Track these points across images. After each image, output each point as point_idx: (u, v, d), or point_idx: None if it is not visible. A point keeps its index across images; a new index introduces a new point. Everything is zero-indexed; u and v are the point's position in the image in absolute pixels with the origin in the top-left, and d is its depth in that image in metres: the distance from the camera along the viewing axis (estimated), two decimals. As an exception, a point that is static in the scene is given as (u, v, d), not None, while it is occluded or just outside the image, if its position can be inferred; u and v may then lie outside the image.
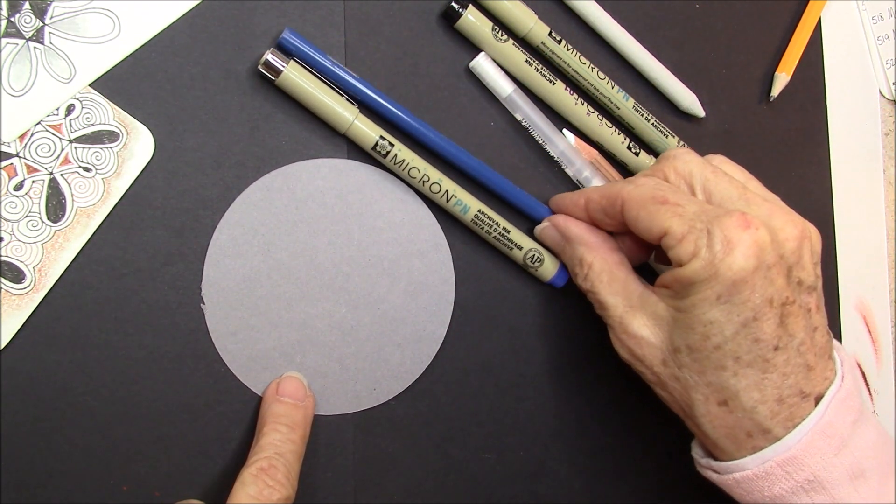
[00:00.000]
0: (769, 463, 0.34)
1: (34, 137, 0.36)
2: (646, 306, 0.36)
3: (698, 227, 0.33)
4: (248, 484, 0.34)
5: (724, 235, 0.32)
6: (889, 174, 0.49)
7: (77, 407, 0.37)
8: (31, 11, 0.36)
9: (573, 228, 0.39)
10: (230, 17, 0.38)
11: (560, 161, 0.42)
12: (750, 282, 0.32)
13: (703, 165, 0.37)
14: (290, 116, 0.39)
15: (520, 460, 0.42)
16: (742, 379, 0.34)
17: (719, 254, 0.32)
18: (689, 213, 0.34)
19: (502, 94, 0.41)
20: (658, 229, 0.34)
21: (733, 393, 0.34)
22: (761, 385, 0.34)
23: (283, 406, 0.37)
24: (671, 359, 0.35)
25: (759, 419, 0.34)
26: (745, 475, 0.35)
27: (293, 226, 0.39)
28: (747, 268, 0.32)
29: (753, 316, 0.33)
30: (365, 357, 0.40)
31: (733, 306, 0.33)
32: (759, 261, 0.32)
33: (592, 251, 0.38)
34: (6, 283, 0.36)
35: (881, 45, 0.49)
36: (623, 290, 0.37)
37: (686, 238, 0.33)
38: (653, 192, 0.35)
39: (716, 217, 0.33)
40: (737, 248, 0.32)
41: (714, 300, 0.33)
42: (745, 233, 0.32)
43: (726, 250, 0.32)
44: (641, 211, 0.35)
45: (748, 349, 0.33)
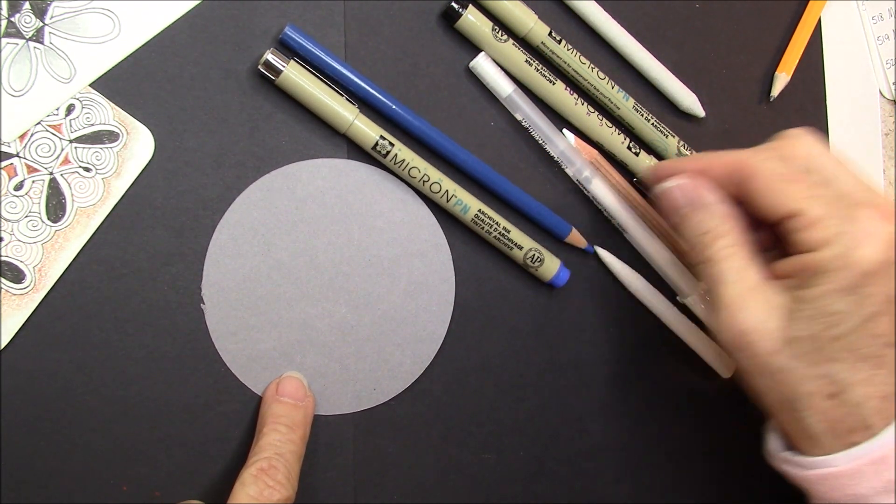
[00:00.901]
0: (861, 460, 0.33)
1: (34, 137, 0.36)
2: (763, 293, 0.34)
3: (834, 213, 0.32)
4: (248, 484, 0.34)
5: (863, 226, 0.32)
6: (889, 174, 0.49)
7: (77, 407, 0.37)
8: (31, 11, 0.36)
9: (709, 195, 0.37)
10: (230, 17, 0.38)
11: (560, 161, 0.42)
12: (880, 275, 0.32)
13: (825, 150, 0.35)
14: (290, 116, 0.39)
15: (520, 460, 0.42)
16: (855, 373, 0.33)
17: (854, 244, 0.32)
18: (824, 195, 0.33)
19: (502, 94, 0.41)
20: (787, 209, 0.33)
21: (844, 386, 0.33)
22: (872, 380, 0.33)
23: (283, 406, 0.37)
24: (784, 349, 0.34)
25: (864, 414, 0.33)
26: (832, 472, 0.33)
27: (293, 226, 0.39)
28: (881, 260, 0.32)
29: (876, 311, 0.32)
30: (365, 357, 0.40)
31: (859, 298, 0.32)
32: (890, 255, 0.32)
33: (727, 222, 0.36)
34: (6, 283, 0.36)
35: (881, 45, 0.49)
36: (744, 270, 0.35)
37: (819, 223, 0.33)
38: (779, 167, 0.34)
39: (856, 204, 0.32)
40: (872, 240, 0.32)
41: (842, 291, 0.32)
42: (881, 224, 0.32)
43: (862, 240, 0.32)
44: (772, 185, 0.34)
45: (866, 343, 0.33)
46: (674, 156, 0.44)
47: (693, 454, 0.44)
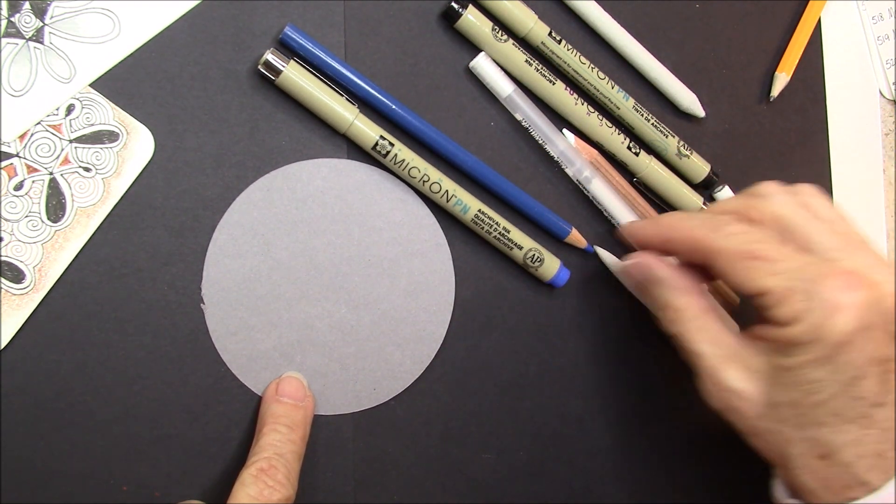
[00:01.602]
0: None
1: (34, 137, 0.36)
2: (741, 358, 0.35)
3: (799, 287, 0.32)
4: (248, 484, 0.34)
5: (828, 298, 0.31)
6: (889, 174, 0.49)
7: (77, 407, 0.37)
8: (31, 11, 0.36)
9: (662, 270, 0.38)
10: (230, 17, 0.38)
11: (560, 161, 0.42)
12: (854, 343, 0.32)
13: (796, 208, 0.35)
14: (290, 116, 0.39)
15: (520, 460, 0.42)
16: (842, 435, 0.33)
17: (822, 318, 0.31)
18: (786, 271, 0.33)
19: (502, 94, 0.41)
20: (754, 288, 0.33)
21: (833, 448, 0.33)
22: (862, 441, 0.33)
23: (283, 406, 0.37)
24: (768, 413, 0.34)
25: (857, 472, 0.33)
26: None
27: (293, 226, 0.39)
28: (851, 330, 0.31)
29: (856, 375, 0.32)
30: (365, 357, 0.40)
31: (836, 366, 0.32)
32: (862, 322, 0.31)
33: (684, 295, 0.37)
34: (6, 283, 0.36)
35: (881, 45, 0.49)
36: (716, 339, 0.36)
37: (786, 300, 0.32)
38: (745, 245, 0.34)
39: (818, 276, 0.32)
40: (841, 311, 0.31)
41: (818, 361, 0.32)
42: (849, 294, 0.31)
43: (830, 314, 0.31)
44: (734, 266, 0.34)
45: (850, 406, 0.32)
46: (674, 155, 0.44)
47: (693, 454, 0.44)
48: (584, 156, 0.42)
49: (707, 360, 0.35)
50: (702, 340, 0.36)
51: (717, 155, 0.45)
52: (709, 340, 0.36)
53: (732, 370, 0.35)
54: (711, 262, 0.35)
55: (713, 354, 0.35)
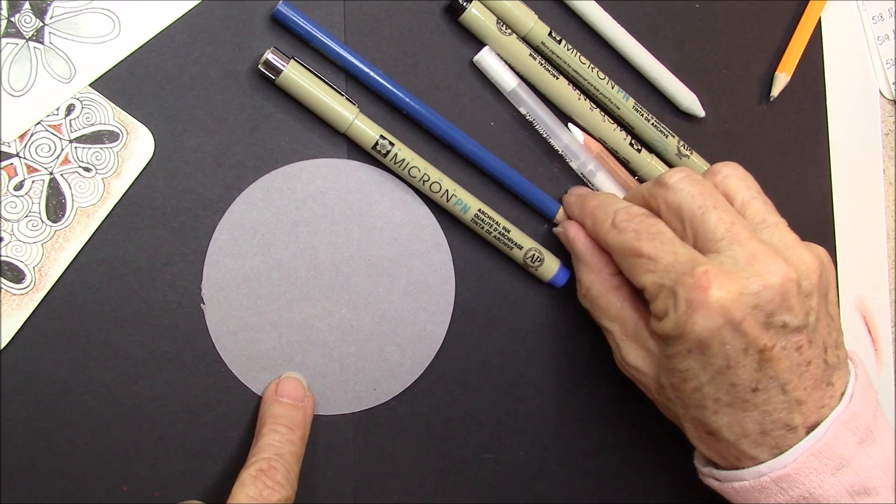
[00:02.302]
0: (764, 478, 0.34)
1: (34, 137, 0.36)
2: (639, 338, 0.37)
3: (666, 285, 0.34)
4: (247, 485, 0.34)
5: (686, 297, 0.33)
6: (889, 174, 0.49)
7: (77, 407, 0.37)
8: (31, 11, 0.36)
9: (578, 245, 0.40)
10: (230, 17, 0.38)
11: (564, 155, 0.42)
12: (717, 338, 0.33)
13: (692, 197, 0.35)
14: (290, 116, 0.39)
15: (520, 460, 0.42)
16: (722, 416, 0.34)
17: (683, 315, 0.33)
18: (661, 269, 0.34)
19: (506, 88, 0.41)
20: (636, 283, 0.35)
21: (715, 428, 0.35)
22: (742, 422, 0.34)
23: (282, 407, 0.37)
24: (661, 391, 0.36)
25: (743, 448, 0.35)
26: (743, 486, 0.35)
27: (293, 226, 0.39)
28: (710, 327, 0.32)
29: (726, 365, 0.33)
30: (365, 357, 0.40)
31: (705, 358, 0.33)
32: (723, 319, 0.32)
33: (592, 273, 0.39)
34: (6, 283, 0.36)
35: (881, 45, 0.49)
36: (619, 316, 0.38)
37: (657, 297, 0.34)
38: (631, 242, 0.35)
39: (679, 276, 0.33)
40: (698, 310, 0.32)
41: (686, 353, 0.34)
42: (703, 294, 0.32)
43: (688, 312, 0.33)
44: (622, 262, 0.36)
45: (725, 391, 0.34)
46: (674, 155, 0.44)
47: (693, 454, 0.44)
48: (589, 150, 0.42)
49: (612, 335, 0.38)
50: (607, 317, 0.38)
51: (717, 155, 0.45)
52: (613, 318, 0.38)
53: (633, 348, 0.37)
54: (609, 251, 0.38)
55: (617, 331, 0.38)
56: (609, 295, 0.38)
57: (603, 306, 0.38)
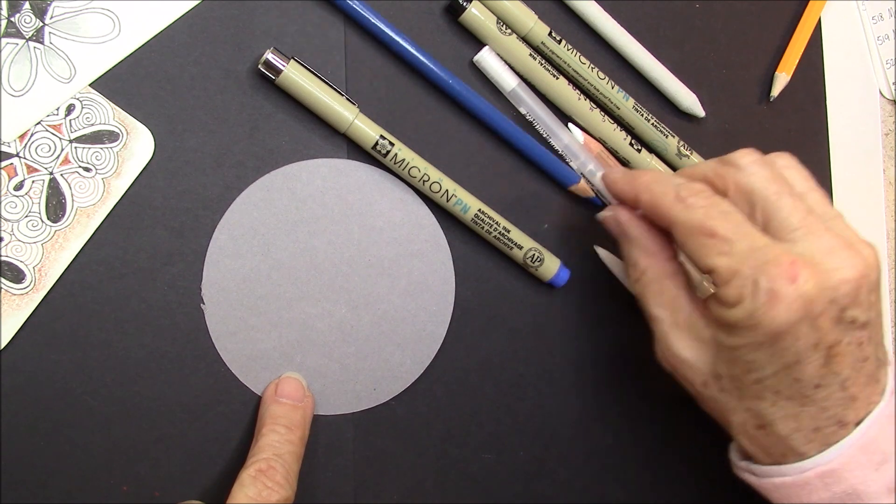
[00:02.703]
0: (808, 473, 0.34)
1: (34, 137, 0.36)
2: (692, 327, 0.35)
3: (744, 272, 0.32)
4: (246, 485, 0.34)
5: (770, 287, 0.31)
6: (889, 174, 0.49)
7: (77, 407, 0.37)
8: (31, 11, 0.36)
9: (633, 229, 0.38)
10: (230, 17, 0.38)
11: (564, 154, 0.42)
12: (793, 332, 0.32)
13: (766, 182, 0.34)
14: (290, 116, 0.39)
15: (520, 460, 0.42)
16: (779, 410, 0.33)
17: (762, 306, 0.31)
18: (737, 252, 0.32)
19: (506, 88, 0.41)
20: (704, 265, 0.33)
21: (770, 421, 0.34)
22: (798, 416, 0.33)
23: (282, 407, 0.37)
24: (712, 382, 0.35)
25: (793, 444, 0.34)
26: (784, 481, 0.34)
27: (293, 226, 0.39)
28: (790, 321, 0.31)
29: (795, 360, 0.32)
30: (365, 357, 0.40)
31: (775, 351, 0.32)
32: (804, 313, 0.31)
33: (648, 256, 0.37)
34: (6, 283, 0.36)
35: (881, 45, 0.49)
36: (672, 304, 0.36)
37: (731, 283, 0.32)
38: (702, 220, 0.34)
39: (763, 263, 0.32)
40: (781, 301, 0.31)
41: (756, 346, 0.32)
42: (791, 286, 0.31)
43: (770, 303, 0.31)
44: (689, 240, 0.34)
45: (788, 386, 0.33)
46: (674, 155, 0.44)
47: (693, 454, 0.44)
48: (589, 150, 0.42)
49: (661, 324, 0.36)
50: (659, 304, 0.36)
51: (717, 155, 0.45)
52: (665, 305, 0.36)
53: (683, 338, 0.36)
54: (671, 231, 0.35)
55: (667, 320, 0.36)
56: (665, 280, 0.36)
57: (656, 292, 0.37)
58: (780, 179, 0.35)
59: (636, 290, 0.38)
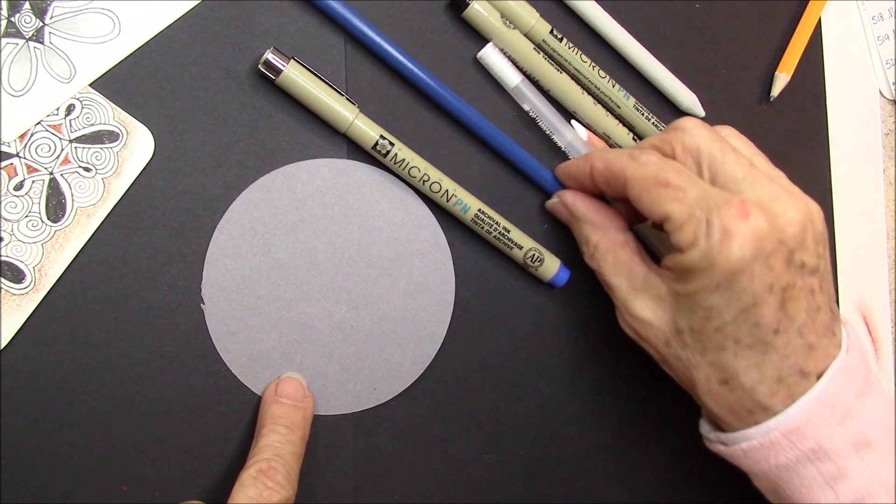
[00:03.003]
0: (773, 433, 0.34)
1: (34, 137, 0.36)
2: (649, 288, 0.36)
3: (697, 215, 0.33)
4: (247, 486, 0.34)
5: (722, 225, 0.32)
6: (889, 174, 0.49)
7: (77, 407, 0.37)
8: (31, 11, 0.36)
9: (580, 207, 0.40)
10: (230, 17, 0.38)
11: (567, 152, 0.42)
12: (748, 271, 0.33)
13: (711, 141, 0.36)
14: (290, 116, 0.39)
15: (520, 460, 0.42)
16: (742, 360, 0.34)
17: (717, 245, 0.32)
18: (690, 198, 0.34)
19: (510, 85, 0.41)
20: (659, 213, 0.34)
21: (733, 373, 0.34)
22: (761, 366, 0.34)
23: (282, 407, 0.37)
24: (674, 339, 0.36)
25: (758, 398, 0.34)
26: (752, 445, 0.35)
27: (293, 226, 0.39)
28: (744, 258, 0.32)
29: (753, 302, 0.33)
30: (365, 357, 0.40)
31: (732, 293, 0.33)
32: (757, 250, 0.32)
33: (598, 231, 0.39)
34: (6, 283, 0.36)
35: (881, 45, 0.49)
36: (628, 271, 0.37)
37: (685, 226, 0.33)
38: (655, 173, 0.35)
39: (715, 205, 0.33)
40: (734, 238, 0.32)
41: (713, 288, 0.33)
42: (742, 223, 0.32)
43: (724, 241, 0.32)
44: (643, 192, 0.35)
45: (748, 332, 0.34)
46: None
47: (693, 454, 0.44)
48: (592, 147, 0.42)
49: (619, 291, 0.38)
50: (614, 273, 0.38)
51: (717, 155, 0.45)
52: (621, 273, 0.38)
53: (641, 300, 0.37)
54: (625, 188, 0.36)
55: (624, 286, 0.37)
56: (618, 250, 0.38)
57: (611, 262, 0.38)
58: (724, 140, 0.36)
59: (592, 264, 0.39)
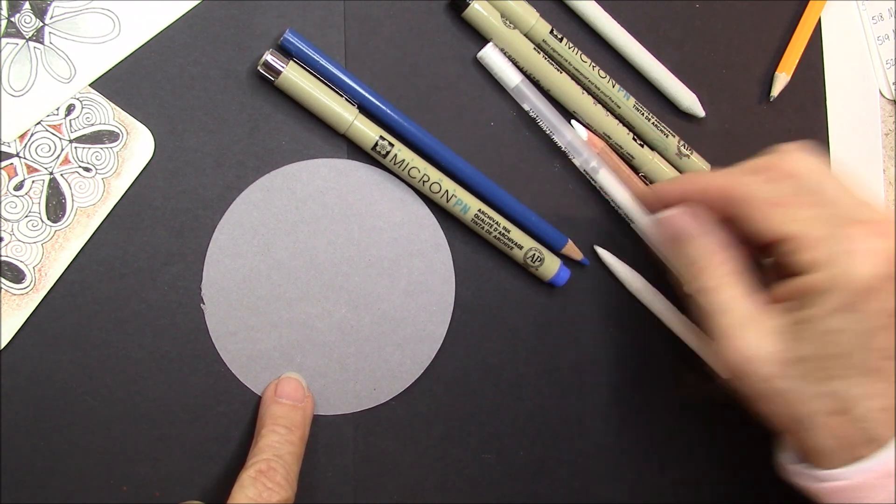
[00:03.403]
0: (870, 474, 0.33)
1: (34, 137, 0.36)
2: (759, 319, 0.35)
3: (824, 233, 0.32)
4: (247, 486, 0.34)
5: (852, 244, 0.32)
6: (889, 174, 0.49)
7: (77, 407, 0.37)
8: (31, 11, 0.36)
9: (693, 227, 0.37)
10: (230, 17, 0.38)
11: (567, 151, 0.42)
12: (876, 291, 0.32)
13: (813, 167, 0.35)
14: (290, 116, 0.39)
15: (520, 460, 0.42)
16: (859, 388, 0.33)
17: (845, 263, 0.32)
18: (812, 217, 0.33)
19: (510, 85, 0.41)
20: (781, 233, 0.33)
21: (849, 402, 0.33)
22: (876, 394, 0.33)
23: (282, 407, 0.37)
24: (785, 371, 0.34)
25: (869, 427, 0.33)
26: (844, 485, 0.34)
27: (293, 226, 0.39)
28: (878, 276, 0.32)
29: (876, 325, 0.32)
30: (365, 357, 0.40)
31: (860, 315, 0.32)
32: (887, 269, 0.32)
33: (710, 254, 0.36)
34: (6, 283, 0.36)
35: (881, 45, 0.49)
36: (736, 299, 0.35)
37: (815, 245, 0.32)
38: (771, 192, 0.34)
39: (843, 223, 0.32)
40: (865, 257, 0.32)
41: (841, 309, 0.32)
42: (876, 240, 0.32)
43: (854, 259, 0.32)
44: (763, 211, 0.34)
45: (868, 358, 0.33)
46: (674, 155, 0.44)
47: (693, 454, 0.44)
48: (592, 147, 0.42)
49: (727, 317, 0.35)
50: (725, 299, 0.35)
51: (717, 155, 0.45)
52: (732, 299, 0.35)
53: (751, 330, 0.34)
54: (736, 208, 0.35)
55: (734, 314, 0.35)
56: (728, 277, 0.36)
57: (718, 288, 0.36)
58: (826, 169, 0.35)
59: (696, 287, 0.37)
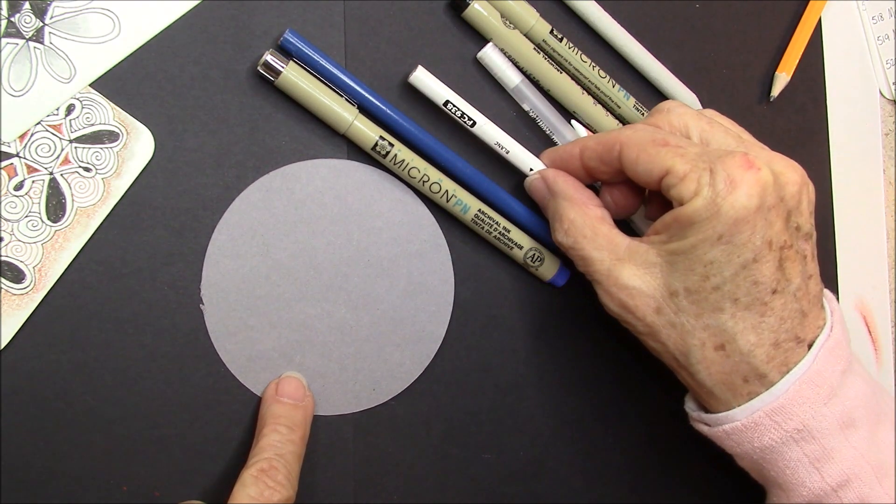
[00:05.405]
0: (758, 413, 0.34)
1: (34, 137, 0.36)
2: (635, 256, 0.36)
3: (701, 165, 0.33)
4: (248, 485, 0.34)
5: (728, 174, 0.32)
6: (889, 174, 0.49)
7: (77, 407, 0.37)
8: (31, 11, 0.36)
9: (559, 183, 0.39)
10: (230, 17, 0.38)
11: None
12: (751, 221, 0.33)
13: (698, 117, 0.37)
14: (290, 116, 0.39)
15: (520, 460, 0.42)
16: (740, 321, 0.34)
17: (722, 192, 0.32)
18: (692, 153, 0.34)
19: (510, 85, 0.41)
20: (659, 169, 0.34)
21: (731, 336, 0.34)
22: (759, 328, 0.34)
23: (283, 407, 0.37)
24: (667, 305, 0.35)
25: (755, 363, 0.34)
26: (735, 426, 0.35)
27: (292, 226, 0.39)
28: (750, 206, 0.32)
29: (753, 257, 0.33)
30: (365, 357, 0.40)
31: (734, 247, 0.33)
32: (761, 200, 0.33)
33: (575, 206, 0.38)
34: (6, 283, 0.36)
35: (881, 45, 0.49)
36: (608, 243, 0.36)
37: (688, 176, 0.33)
38: (652, 135, 0.35)
39: (719, 157, 0.33)
40: (740, 186, 0.32)
41: (715, 240, 0.33)
42: (748, 172, 0.33)
43: (729, 188, 0.32)
44: (641, 153, 0.35)
45: (747, 291, 0.33)
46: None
47: (693, 454, 0.44)
48: None
49: (601, 264, 0.36)
50: (595, 247, 0.37)
51: (717, 155, 0.45)
52: (601, 246, 0.36)
53: (628, 268, 0.36)
54: (622, 153, 0.36)
55: (607, 258, 0.36)
56: (595, 224, 0.37)
57: (589, 236, 0.37)
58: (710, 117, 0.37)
59: (567, 241, 0.38)
